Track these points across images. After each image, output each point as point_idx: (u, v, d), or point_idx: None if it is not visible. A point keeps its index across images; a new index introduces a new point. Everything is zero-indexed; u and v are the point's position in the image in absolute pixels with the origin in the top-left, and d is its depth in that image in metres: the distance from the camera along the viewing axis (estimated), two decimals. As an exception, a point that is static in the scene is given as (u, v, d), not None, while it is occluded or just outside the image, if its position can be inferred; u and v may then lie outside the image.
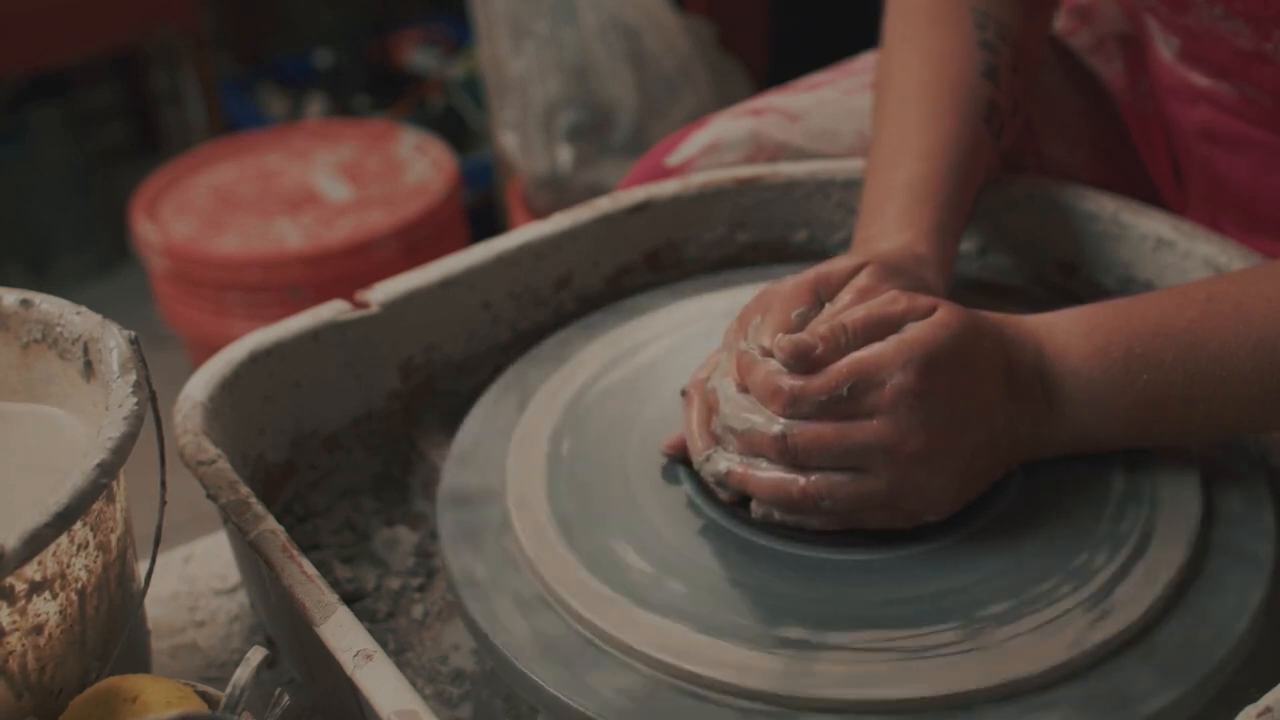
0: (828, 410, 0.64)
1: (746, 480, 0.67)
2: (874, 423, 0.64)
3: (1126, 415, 0.67)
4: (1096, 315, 0.69)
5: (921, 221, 0.77)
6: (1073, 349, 0.67)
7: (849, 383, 0.64)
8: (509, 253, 0.85)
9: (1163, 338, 0.67)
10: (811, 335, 0.65)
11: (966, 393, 0.65)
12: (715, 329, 0.82)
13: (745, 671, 0.61)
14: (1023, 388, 0.67)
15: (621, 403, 0.77)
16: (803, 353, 0.65)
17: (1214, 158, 0.89)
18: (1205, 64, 0.85)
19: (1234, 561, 0.66)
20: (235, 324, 1.96)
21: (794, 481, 0.65)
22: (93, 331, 0.64)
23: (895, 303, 0.66)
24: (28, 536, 0.53)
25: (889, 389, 0.63)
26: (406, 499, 0.81)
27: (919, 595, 0.64)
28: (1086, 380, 0.67)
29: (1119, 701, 0.60)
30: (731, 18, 2.19)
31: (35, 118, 2.51)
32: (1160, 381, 0.67)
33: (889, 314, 0.66)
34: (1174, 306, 0.68)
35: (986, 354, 0.66)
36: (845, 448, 0.64)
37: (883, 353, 0.64)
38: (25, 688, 0.58)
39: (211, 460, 0.69)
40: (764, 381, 0.66)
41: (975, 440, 0.65)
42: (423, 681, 0.69)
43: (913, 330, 0.65)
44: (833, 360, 0.65)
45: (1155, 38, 0.90)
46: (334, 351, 0.80)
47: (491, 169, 2.37)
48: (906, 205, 0.77)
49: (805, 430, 0.64)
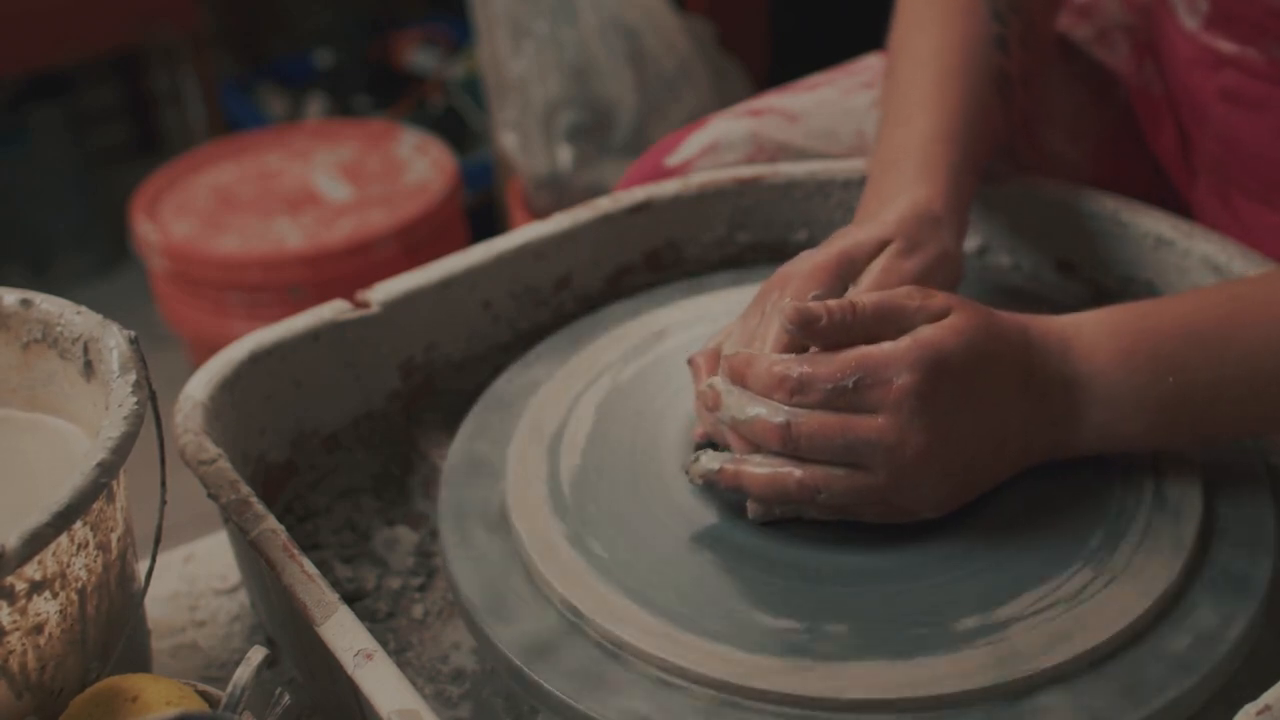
0: (832, 401, 0.64)
1: (740, 476, 0.66)
2: (877, 419, 0.63)
3: (1150, 418, 0.67)
4: (1122, 316, 0.68)
5: (938, 178, 0.76)
6: (1099, 350, 0.67)
7: (855, 375, 0.63)
8: (509, 253, 0.85)
9: (1190, 339, 0.66)
10: (820, 307, 0.64)
11: (974, 397, 0.64)
12: (716, 329, 0.82)
13: (749, 672, 0.61)
14: (1043, 390, 0.66)
15: (624, 403, 0.77)
16: (807, 320, 0.64)
17: (1233, 120, 0.89)
18: (1234, 27, 0.86)
19: (1234, 561, 0.66)
20: (235, 324, 1.96)
21: (790, 474, 0.65)
22: (93, 331, 0.64)
23: (910, 297, 0.66)
24: (28, 536, 0.53)
25: (894, 388, 0.63)
26: (406, 499, 0.81)
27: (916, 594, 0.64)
28: (1111, 382, 0.66)
29: (1119, 701, 0.60)
30: (731, 18, 2.19)
31: (35, 118, 2.51)
32: (1187, 384, 0.66)
33: (903, 307, 0.66)
34: (1200, 307, 0.68)
35: (1002, 358, 0.65)
36: (847, 441, 0.63)
37: (892, 351, 0.64)
38: (25, 687, 0.58)
39: (212, 460, 0.69)
40: (767, 372, 0.65)
41: (980, 444, 0.65)
42: (423, 681, 0.69)
43: (925, 332, 0.64)
44: (836, 338, 0.64)
45: (1178, 7, 0.90)
46: (334, 351, 0.80)
47: (491, 169, 2.37)
48: (922, 161, 0.77)
49: (810, 419, 0.64)
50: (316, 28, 2.85)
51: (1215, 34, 0.87)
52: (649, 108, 2.04)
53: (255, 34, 2.87)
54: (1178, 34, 0.92)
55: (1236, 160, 0.91)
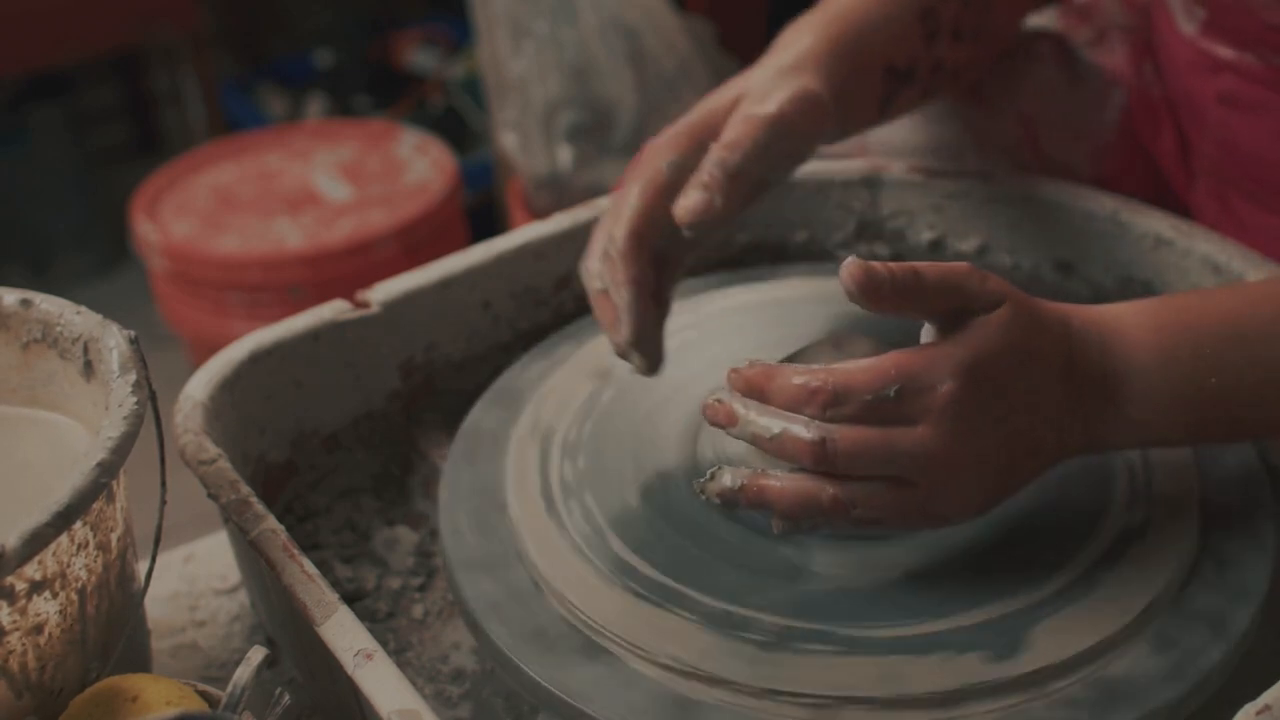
0: (870, 413, 0.59)
1: (764, 493, 0.61)
2: (919, 430, 0.60)
3: (1187, 417, 0.65)
4: (1165, 313, 0.66)
5: (817, 50, 0.76)
6: (1140, 347, 0.64)
7: (896, 384, 0.59)
8: (509, 253, 0.85)
9: (1233, 340, 0.65)
10: (884, 269, 0.59)
11: (1016, 399, 0.62)
12: (715, 328, 0.82)
13: (751, 669, 0.61)
14: (1081, 387, 0.64)
15: (624, 402, 0.77)
16: (872, 282, 0.59)
17: (1231, 124, 0.89)
18: (1231, 36, 0.85)
19: (1234, 560, 0.66)
20: (235, 324, 1.96)
21: (822, 489, 0.60)
22: (93, 331, 0.65)
23: (970, 278, 0.61)
24: (28, 536, 0.53)
25: (937, 395, 0.59)
26: (406, 499, 0.81)
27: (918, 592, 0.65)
28: (1151, 381, 0.64)
29: (1119, 700, 0.60)
30: (731, 18, 2.19)
31: (35, 118, 2.51)
32: (1228, 385, 0.64)
33: (962, 287, 0.61)
34: (1244, 306, 0.66)
35: (1044, 355, 0.62)
36: (889, 455, 0.59)
37: (935, 355, 0.60)
38: (26, 687, 0.58)
39: (212, 460, 0.69)
40: (791, 385, 0.60)
41: (1020, 445, 0.62)
42: (423, 681, 0.69)
43: (969, 333, 0.61)
44: (896, 304, 0.60)
45: (1176, 12, 0.90)
46: (334, 351, 0.80)
47: (491, 169, 2.37)
48: (810, 35, 0.77)
49: (847, 434, 0.59)
50: (316, 28, 2.85)
51: (1212, 39, 0.87)
52: (649, 108, 2.04)
53: (255, 34, 2.87)
54: (1176, 38, 0.92)
55: (1235, 163, 0.91)
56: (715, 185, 0.69)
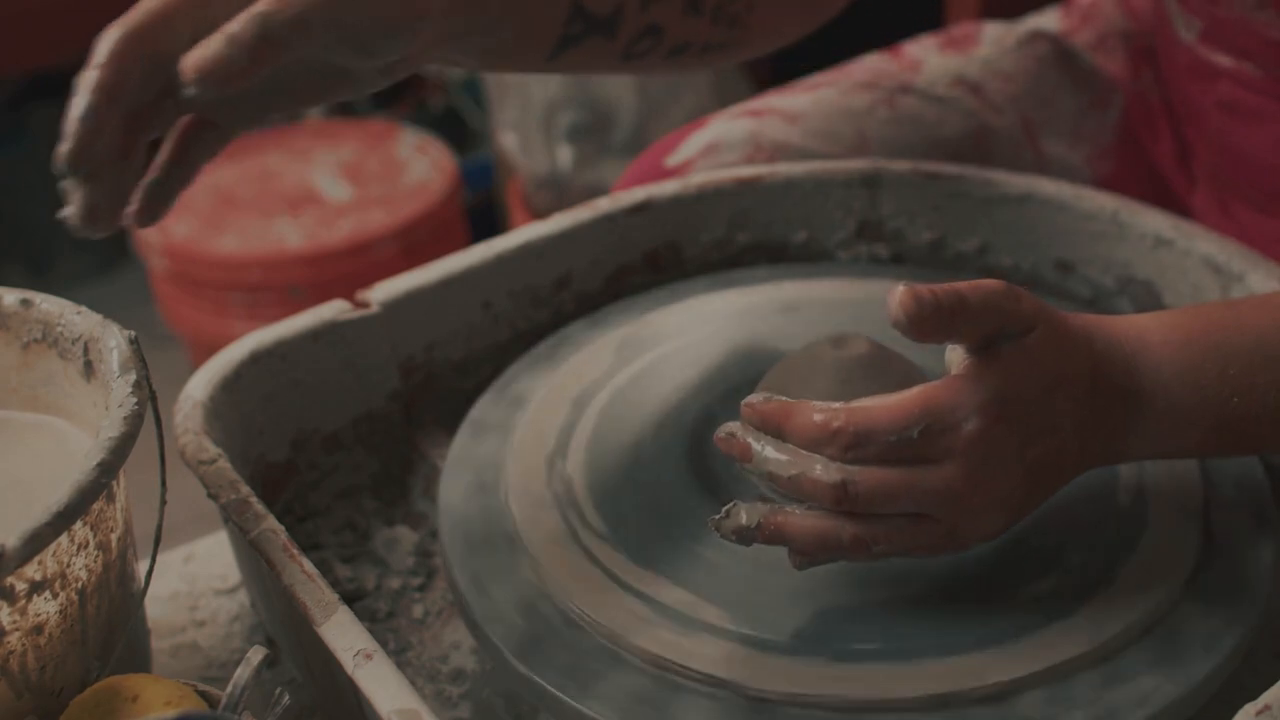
0: (892, 453, 0.57)
1: (784, 528, 0.59)
2: (944, 469, 0.57)
3: (1206, 434, 0.64)
4: (1191, 327, 0.64)
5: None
6: (1166, 364, 0.63)
7: (921, 424, 0.57)
8: (509, 253, 0.85)
9: (1260, 360, 0.63)
10: (931, 295, 0.56)
11: (1041, 426, 0.60)
12: (716, 329, 0.82)
13: (751, 669, 0.61)
14: (1104, 404, 0.62)
15: (624, 403, 0.77)
16: (922, 311, 0.55)
17: (1231, 130, 0.89)
18: (1229, 47, 0.85)
19: (1233, 560, 0.66)
20: (235, 324, 1.96)
21: (842, 528, 0.58)
22: (93, 331, 0.65)
23: (1007, 298, 0.59)
24: (28, 536, 0.53)
25: (963, 434, 0.57)
26: (406, 499, 0.81)
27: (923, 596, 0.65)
28: (1173, 399, 0.63)
29: (1119, 699, 0.60)
30: (731, 18, 2.19)
31: (35, 118, 2.51)
32: (1250, 405, 0.63)
33: (1000, 308, 0.58)
34: (1272, 325, 0.64)
35: (1069, 379, 0.60)
36: (912, 496, 0.57)
37: (960, 391, 0.58)
38: (25, 687, 0.58)
39: (212, 460, 0.69)
40: (814, 425, 0.58)
41: (1043, 472, 0.61)
42: (423, 681, 0.69)
43: (1002, 361, 0.58)
44: (939, 333, 0.57)
45: (1174, 19, 0.90)
46: (334, 351, 0.80)
47: (491, 169, 2.37)
48: None
49: (870, 477, 0.57)
50: (316, 28, 2.84)
51: (1211, 48, 0.87)
52: (649, 108, 2.04)
53: (255, 34, 2.87)
54: (1175, 44, 0.92)
55: (1235, 169, 0.91)
56: (242, 43, 0.57)
